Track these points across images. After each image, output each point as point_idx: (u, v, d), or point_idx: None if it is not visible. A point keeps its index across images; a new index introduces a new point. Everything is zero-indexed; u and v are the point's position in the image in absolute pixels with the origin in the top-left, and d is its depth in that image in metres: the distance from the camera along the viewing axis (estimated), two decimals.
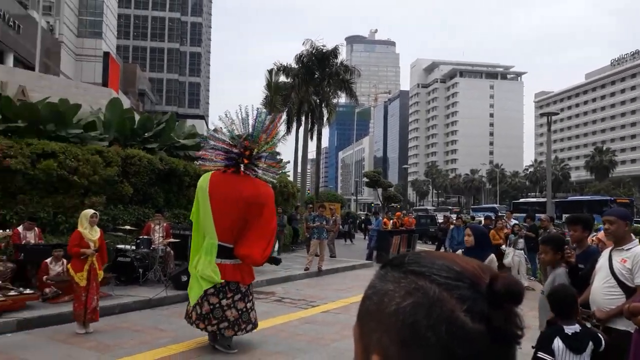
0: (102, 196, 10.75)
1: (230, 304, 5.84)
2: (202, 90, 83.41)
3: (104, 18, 60.37)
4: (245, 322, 5.95)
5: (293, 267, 13.23)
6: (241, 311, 5.90)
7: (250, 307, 6.05)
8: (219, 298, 5.82)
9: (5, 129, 10.51)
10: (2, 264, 8.30)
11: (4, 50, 26.33)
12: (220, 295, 5.84)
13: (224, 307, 5.81)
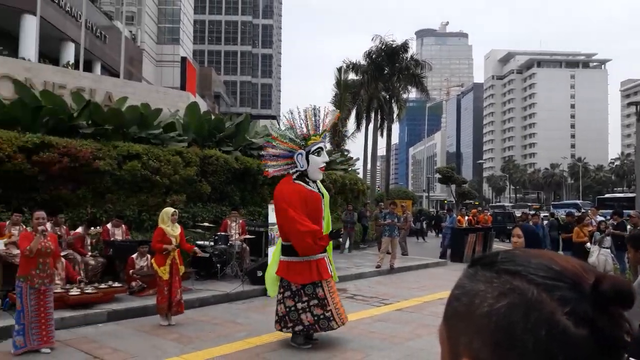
0: (183, 195, 11.27)
1: (280, 299, 5.96)
2: (273, 91, 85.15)
3: (181, 25, 63.18)
4: (292, 321, 5.83)
5: (364, 265, 13.20)
6: (288, 309, 5.89)
7: (302, 308, 5.83)
8: (278, 293, 6.08)
9: (94, 133, 11.28)
10: (94, 259, 8.93)
11: (92, 59, 28.26)
12: (279, 290, 6.06)
13: (277, 301, 6.03)
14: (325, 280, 5.91)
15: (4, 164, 8.86)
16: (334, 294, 6.02)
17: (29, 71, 14.24)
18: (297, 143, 6.08)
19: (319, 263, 5.89)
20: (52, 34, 24.56)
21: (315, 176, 6.09)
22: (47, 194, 9.55)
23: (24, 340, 5.48)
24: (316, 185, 6.17)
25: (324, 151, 6.13)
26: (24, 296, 5.50)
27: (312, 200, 6.00)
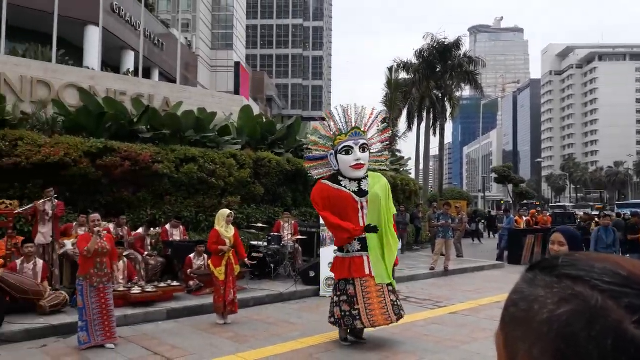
0: (237, 196, 11.54)
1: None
2: (324, 93, 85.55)
3: (234, 30, 64.59)
4: (330, 312, 6.11)
5: (417, 267, 13.02)
6: (330, 300, 6.14)
7: (336, 302, 6.03)
8: None
9: (153, 137, 11.73)
10: (154, 259, 9.28)
11: (150, 66, 29.39)
12: None
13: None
14: (358, 278, 5.89)
15: (70, 168, 9.37)
16: (369, 295, 5.91)
17: (93, 79, 14.98)
18: (327, 144, 6.16)
19: (353, 261, 5.96)
20: (114, 43, 25.73)
21: (350, 174, 6.05)
22: (110, 197, 10.02)
23: (87, 335, 5.77)
24: (357, 183, 6.07)
25: (354, 149, 6.01)
26: (84, 294, 5.80)
27: (339, 199, 6.01)
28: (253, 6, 79.60)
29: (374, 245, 5.96)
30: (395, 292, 6.19)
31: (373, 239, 5.96)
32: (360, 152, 6.02)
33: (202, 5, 59.60)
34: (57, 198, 8.28)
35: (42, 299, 6.88)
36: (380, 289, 6.00)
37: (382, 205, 6.00)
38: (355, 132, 6.06)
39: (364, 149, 6.12)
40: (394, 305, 6.09)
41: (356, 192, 6.08)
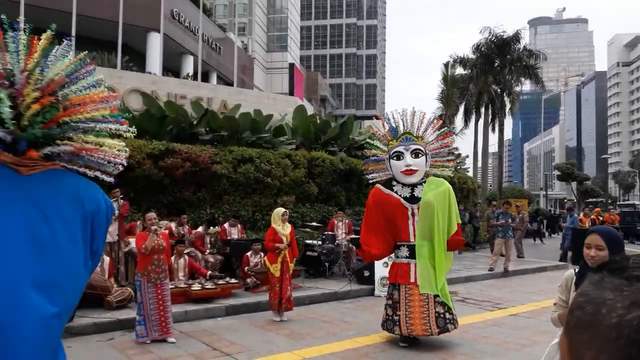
0: (292, 195, 11.70)
1: None
2: (378, 91, 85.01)
3: (289, 32, 65.36)
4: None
5: (476, 267, 12.71)
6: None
7: (385, 305, 6.07)
8: None
9: (212, 139, 12.09)
10: (213, 257, 9.57)
11: (208, 70, 30.27)
12: None
13: None
14: (403, 285, 5.80)
15: (135, 169, 9.81)
16: (411, 303, 5.77)
17: (155, 84, 15.61)
18: (382, 149, 6.08)
19: (400, 267, 5.89)
20: (174, 48, 26.69)
21: (402, 180, 5.92)
22: (172, 197, 10.42)
23: (145, 329, 6.03)
24: (410, 189, 5.94)
25: (405, 154, 5.87)
26: (142, 290, 6.07)
27: (388, 204, 5.92)
28: (307, 7, 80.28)
29: (424, 254, 5.77)
30: (444, 304, 5.89)
31: (423, 247, 5.78)
32: (411, 158, 5.84)
33: (257, 9, 60.74)
34: (123, 198, 8.71)
35: (109, 295, 7.26)
36: (425, 299, 5.79)
37: (436, 214, 5.73)
38: (407, 137, 5.92)
39: (417, 155, 5.91)
40: (439, 317, 5.82)
41: (408, 198, 5.93)
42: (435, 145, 6.18)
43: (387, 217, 5.93)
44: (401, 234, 5.94)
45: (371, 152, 6.27)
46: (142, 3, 22.91)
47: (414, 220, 5.87)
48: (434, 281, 5.75)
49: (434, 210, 5.68)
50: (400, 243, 5.99)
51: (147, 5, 22.99)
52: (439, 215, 5.71)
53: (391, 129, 6.07)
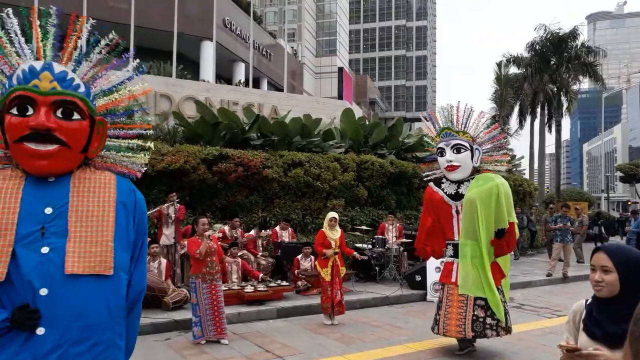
0: (341, 199, 11.73)
1: None
2: (428, 92, 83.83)
3: (338, 37, 65.61)
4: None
5: (533, 272, 12.28)
6: None
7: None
8: None
9: (263, 144, 12.31)
10: (265, 259, 9.72)
11: (259, 76, 30.84)
12: None
13: None
14: (446, 284, 5.71)
15: (190, 174, 10.13)
16: (450, 302, 5.58)
17: (208, 91, 16.06)
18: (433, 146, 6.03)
19: (445, 266, 5.83)
20: (226, 56, 27.37)
21: (449, 177, 5.87)
22: (225, 200, 10.67)
23: (201, 330, 6.19)
24: (456, 186, 5.81)
25: (446, 150, 5.76)
26: (197, 291, 6.23)
27: (434, 202, 5.86)
28: (356, 11, 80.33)
29: (466, 253, 5.55)
30: (486, 308, 5.56)
31: (466, 246, 5.56)
32: (452, 154, 5.70)
33: (307, 15, 61.38)
34: (179, 202, 9.01)
35: (166, 296, 7.51)
36: (463, 300, 5.54)
37: (479, 211, 5.46)
38: (446, 132, 5.78)
39: (458, 150, 5.73)
40: (477, 320, 5.52)
41: (452, 195, 5.78)
42: (484, 140, 5.96)
43: (435, 215, 5.89)
44: (447, 232, 5.86)
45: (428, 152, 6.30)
46: (196, 13, 23.65)
47: (458, 218, 5.69)
48: (478, 283, 5.49)
49: (477, 207, 5.42)
50: (447, 242, 5.92)
51: (200, 15, 23.72)
52: (483, 213, 5.42)
53: (434, 126, 6.02)
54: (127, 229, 1.86)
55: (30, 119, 1.72)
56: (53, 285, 1.65)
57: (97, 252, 1.74)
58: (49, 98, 1.74)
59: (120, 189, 1.89)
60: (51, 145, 1.74)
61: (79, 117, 1.80)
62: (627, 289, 1.97)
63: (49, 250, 1.68)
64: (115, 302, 1.79)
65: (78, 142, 1.81)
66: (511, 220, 5.53)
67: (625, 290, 1.97)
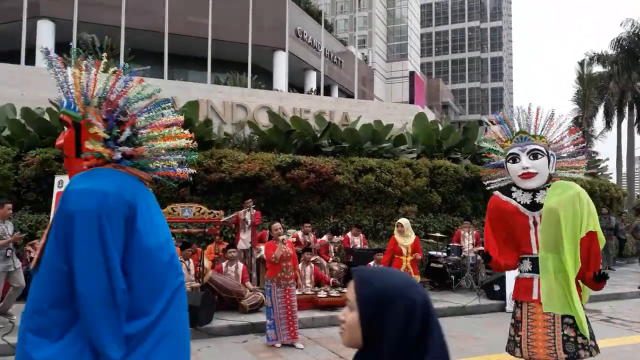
0: (414, 205, 11.55)
1: None
2: (505, 94, 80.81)
3: (409, 41, 64.89)
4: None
5: (623, 284, 11.44)
6: None
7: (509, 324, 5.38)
8: None
9: (334, 150, 12.41)
10: (337, 265, 9.77)
11: (330, 84, 31.15)
12: None
13: None
14: (525, 302, 5.08)
15: (265, 181, 10.41)
16: (534, 322, 5.03)
17: (281, 100, 16.44)
18: (499, 152, 5.49)
19: (522, 283, 5.15)
20: (298, 65, 27.90)
21: (520, 185, 5.28)
22: (298, 206, 10.86)
23: (275, 333, 6.32)
24: (531, 194, 5.24)
25: (520, 156, 5.21)
26: (272, 295, 6.36)
27: (506, 213, 5.23)
28: (427, 14, 79.15)
29: (548, 268, 5.07)
30: (575, 326, 5.06)
31: (548, 259, 5.08)
32: (528, 160, 5.21)
33: (377, 21, 61.29)
34: (255, 208, 9.28)
35: (243, 299, 7.74)
36: (550, 319, 5.03)
37: (561, 222, 4.99)
38: (521, 136, 5.31)
39: (535, 156, 5.25)
40: (568, 341, 5.01)
41: (528, 205, 5.25)
42: (561, 144, 5.50)
43: (507, 227, 5.32)
44: (523, 246, 5.29)
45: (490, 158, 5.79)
46: (269, 24, 24.32)
47: (536, 230, 5.21)
48: (563, 299, 5.03)
49: (558, 217, 4.99)
50: (523, 256, 5.37)
51: (273, 25, 24.36)
52: (566, 223, 4.98)
53: (504, 130, 5.52)
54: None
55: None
56: None
57: None
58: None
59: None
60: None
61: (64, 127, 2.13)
62: (368, 341, 1.34)
63: None
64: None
65: (67, 151, 2.10)
66: (593, 229, 5.04)
67: (366, 344, 1.35)
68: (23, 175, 9.59)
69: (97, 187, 1.88)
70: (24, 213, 9.58)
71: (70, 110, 2.07)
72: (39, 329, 1.79)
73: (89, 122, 2.04)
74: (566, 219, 4.97)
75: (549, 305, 5.01)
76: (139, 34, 18.88)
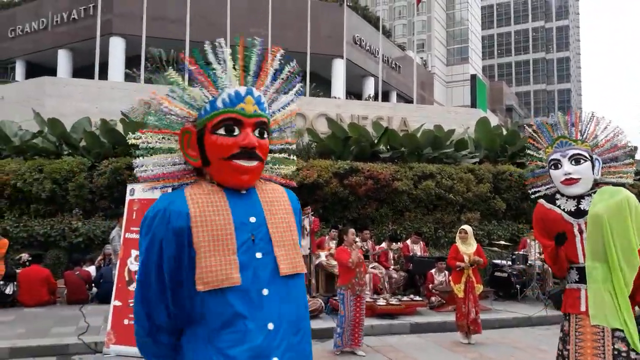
0: (476, 212, 11.23)
1: None
2: (572, 96, 77.20)
3: (469, 43, 63.51)
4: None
5: None
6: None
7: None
8: None
9: (392, 156, 12.31)
10: (396, 273, 9.66)
11: (388, 89, 30.97)
12: None
13: None
14: (573, 315, 4.65)
15: (323, 188, 10.47)
16: (582, 336, 4.59)
17: (339, 107, 16.53)
18: (541, 159, 5.14)
19: (570, 293, 4.74)
20: (355, 72, 27.96)
21: (564, 191, 4.91)
22: (356, 213, 10.84)
23: (341, 341, 6.30)
24: (575, 201, 4.86)
25: (562, 161, 4.84)
26: (346, 302, 6.31)
27: (550, 221, 4.84)
28: (488, 16, 77.24)
29: (595, 278, 4.67)
30: (627, 341, 4.60)
31: (595, 269, 4.70)
32: (570, 165, 4.86)
33: (436, 24, 60.45)
34: (313, 215, 9.35)
35: None
36: (599, 332, 4.61)
37: (608, 228, 4.60)
38: (562, 141, 4.98)
39: (577, 161, 4.90)
40: (619, 355, 4.57)
41: (573, 212, 4.89)
42: (605, 148, 5.13)
43: (551, 236, 4.98)
44: (569, 255, 4.95)
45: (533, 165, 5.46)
46: (327, 32, 24.56)
47: (582, 238, 4.84)
48: (613, 312, 4.63)
49: (605, 224, 4.61)
50: (570, 265, 5.00)
51: (331, 34, 24.58)
52: (614, 230, 4.60)
53: (545, 135, 5.21)
54: (297, 231, 2.09)
55: (239, 138, 1.93)
56: (271, 286, 1.89)
57: (293, 253, 1.99)
58: (252, 120, 1.96)
59: (290, 198, 2.13)
60: (254, 162, 1.96)
61: (267, 135, 2.03)
62: None
63: (262, 255, 1.92)
64: (304, 295, 2.06)
65: (266, 157, 2.05)
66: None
67: None
68: (97, 183, 10.17)
69: None
70: (97, 219, 10.15)
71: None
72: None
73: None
74: (613, 226, 4.65)
75: (597, 318, 4.65)
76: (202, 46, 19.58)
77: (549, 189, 5.27)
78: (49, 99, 14.45)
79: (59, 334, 6.67)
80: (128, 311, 6.11)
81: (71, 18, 25.00)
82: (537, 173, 5.36)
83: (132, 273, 6.30)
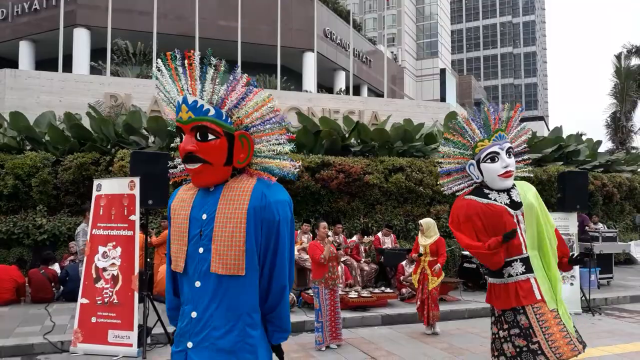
0: (446, 205, 11.39)
1: (490, 325, 4.96)
2: (539, 90, 78.96)
3: (439, 38, 64.18)
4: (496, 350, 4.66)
5: None
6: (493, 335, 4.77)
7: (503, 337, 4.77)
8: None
9: (362, 150, 12.36)
10: (368, 265, 9.73)
11: (359, 83, 31.07)
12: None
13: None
14: (530, 305, 4.67)
15: (294, 182, 10.44)
16: (546, 323, 4.65)
17: (310, 101, 16.50)
18: (465, 154, 5.07)
19: (519, 286, 4.74)
20: (327, 65, 27.94)
21: (498, 185, 4.89)
22: (328, 206, 10.87)
23: (322, 336, 6.30)
24: (507, 194, 4.90)
25: (501, 154, 4.88)
26: (320, 297, 6.31)
27: (493, 215, 4.84)
28: (457, 10, 78.15)
29: (538, 265, 4.81)
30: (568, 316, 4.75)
31: (536, 257, 4.83)
32: (507, 158, 4.92)
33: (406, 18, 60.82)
34: None
35: None
36: (557, 315, 4.74)
37: (540, 217, 4.76)
38: (500, 134, 4.99)
39: (509, 154, 4.97)
40: (577, 332, 4.72)
41: (509, 204, 4.93)
42: (519, 143, 5.22)
43: (496, 231, 4.92)
44: (511, 248, 4.93)
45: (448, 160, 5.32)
46: (297, 26, 24.43)
47: (521, 229, 4.92)
48: (552, 295, 4.78)
49: (538, 213, 4.77)
50: (510, 259, 4.96)
51: (302, 27, 24.47)
52: (544, 219, 4.79)
53: (479, 127, 5.14)
54: (255, 232, 2.08)
55: (181, 145, 2.10)
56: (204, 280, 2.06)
57: (231, 255, 2.04)
58: (188, 125, 2.09)
59: (254, 195, 2.11)
60: (196, 164, 2.08)
61: (214, 136, 2.08)
62: None
63: (203, 251, 2.06)
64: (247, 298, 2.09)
65: (217, 158, 2.10)
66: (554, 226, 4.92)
67: None
68: (62, 179, 9.90)
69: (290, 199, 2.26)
70: (63, 216, 9.90)
71: (222, 121, 2.11)
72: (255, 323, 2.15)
73: (243, 134, 2.16)
74: (544, 216, 4.82)
75: (551, 302, 4.73)
76: (170, 39, 19.27)
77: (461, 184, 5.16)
78: (9, 91, 13.97)
79: (23, 333, 6.49)
80: (95, 309, 5.99)
81: (33, 8, 24.19)
82: (452, 169, 5.22)
83: (99, 270, 6.16)
